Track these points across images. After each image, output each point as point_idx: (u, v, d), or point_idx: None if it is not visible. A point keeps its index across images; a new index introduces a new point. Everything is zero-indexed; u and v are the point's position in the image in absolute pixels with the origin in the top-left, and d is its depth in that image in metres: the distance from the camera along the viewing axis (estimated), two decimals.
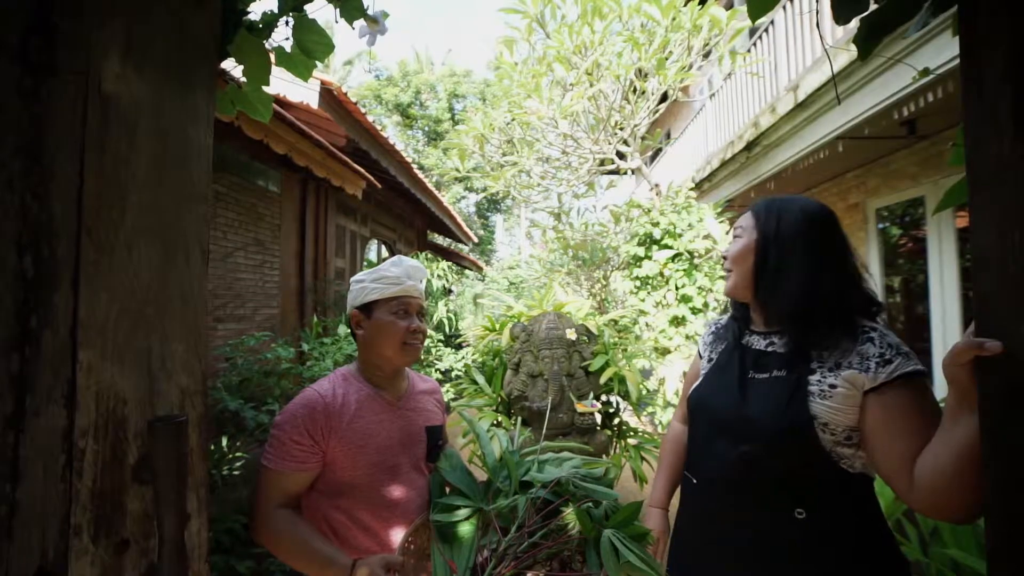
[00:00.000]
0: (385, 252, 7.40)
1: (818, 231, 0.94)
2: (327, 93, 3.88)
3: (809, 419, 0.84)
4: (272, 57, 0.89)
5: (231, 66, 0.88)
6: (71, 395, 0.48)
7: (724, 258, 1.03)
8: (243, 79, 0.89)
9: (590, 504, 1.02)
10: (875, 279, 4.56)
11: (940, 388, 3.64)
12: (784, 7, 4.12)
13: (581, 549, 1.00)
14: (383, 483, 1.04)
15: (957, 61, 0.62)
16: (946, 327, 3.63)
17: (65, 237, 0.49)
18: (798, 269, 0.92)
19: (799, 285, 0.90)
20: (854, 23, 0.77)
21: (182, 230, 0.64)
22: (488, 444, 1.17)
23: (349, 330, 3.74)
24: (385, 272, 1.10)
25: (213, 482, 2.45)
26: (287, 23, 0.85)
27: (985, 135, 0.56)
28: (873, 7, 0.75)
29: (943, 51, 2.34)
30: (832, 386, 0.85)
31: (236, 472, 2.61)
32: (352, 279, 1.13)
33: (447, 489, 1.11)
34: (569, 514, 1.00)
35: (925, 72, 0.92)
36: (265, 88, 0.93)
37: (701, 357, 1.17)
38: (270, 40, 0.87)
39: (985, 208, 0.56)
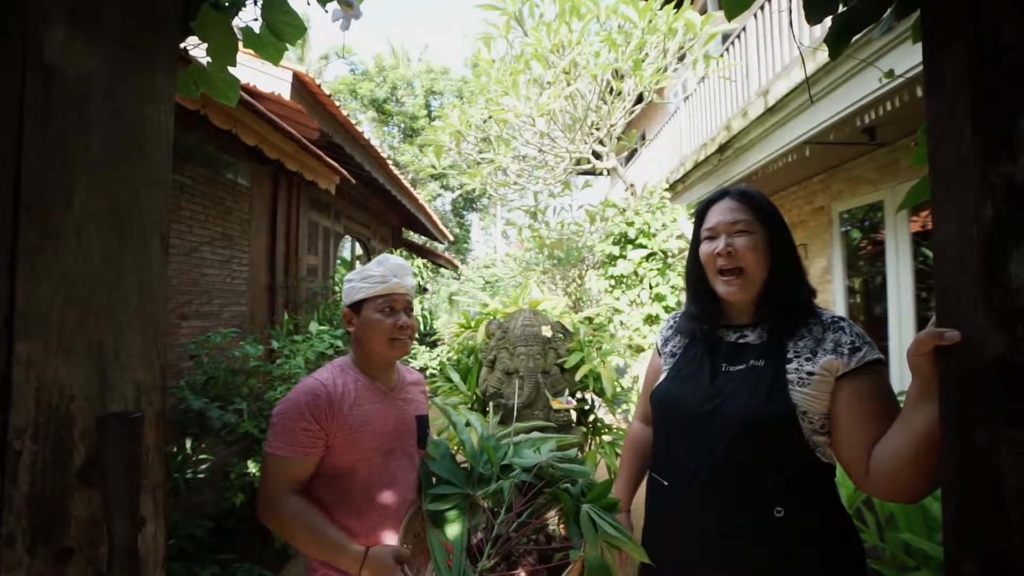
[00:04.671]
0: (359, 249, 7.26)
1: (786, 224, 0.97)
2: (300, 84, 3.77)
3: (791, 407, 0.84)
4: (240, 39, 0.85)
5: (194, 45, 0.84)
6: (5, 391, 0.44)
7: (729, 255, 0.93)
8: (208, 59, 0.84)
9: (568, 485, 1.10)
10: (838, 280, 4.74)
11: (899, 381, 3.82)
12: (755, 15, 4.23)
13: (563, 522, 1.10)
14: (379, 467, 1.10)
15: (918, 68, 0.64)
16: (901, 325, 3.81)
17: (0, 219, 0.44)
18: (797, 265, 0.94)
19: (800, 280, 0.93)
20: (821, 30, 0.79)
21: (140, 215, 0.60)
22: (466, 433, 1.25)
23: (320, 328, 3.65)
24: (371, 271, 1.14)
25: (176, 486, 2.34)
26: (256, 2, 0.82)
27: (946, 132, 0.58)
28: (842, 9, 0.77)
29: (904, 59, 2.45)
30: (810, 373, 0.85)
31: (201, 475, 2.50)
32: (345, 277, 1.18)
33: (434, 479, 1.16)
34: (550, 493, 1.09)
35: (890, 74, 0.96)
36: (232, 70, 0.89)
37: (660, 354, 1.12)
38: (238, 19, 0.83)
39: (945, 203, 0.58)
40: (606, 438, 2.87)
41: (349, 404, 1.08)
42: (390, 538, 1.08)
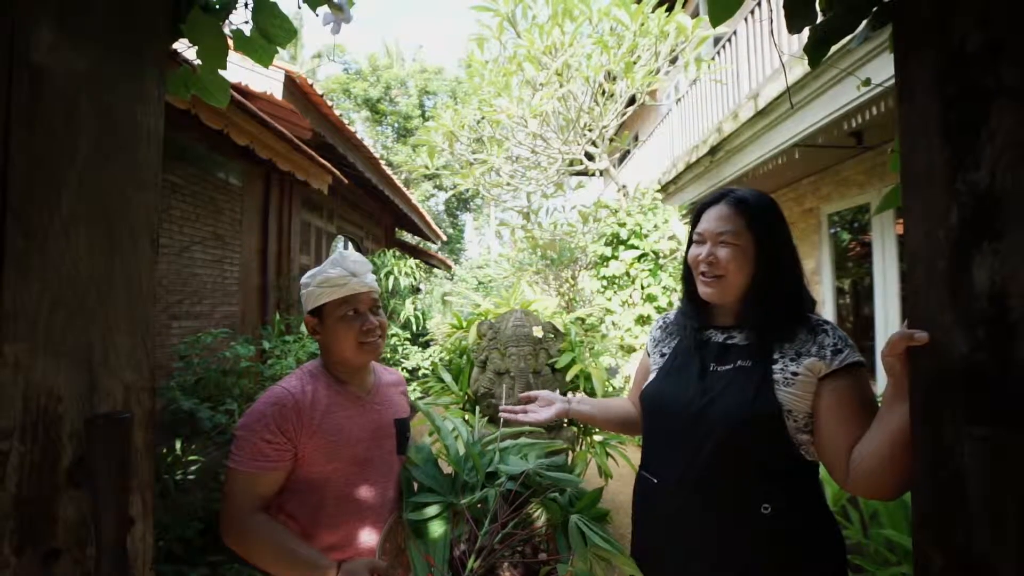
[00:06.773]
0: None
1: (788, 230, 0.97)
2: (292, 84, 3.75)
3: (778, 406, 0.87)
4: (231, 41, 0.85)
5: (186, 47, 0.84)
6: None
7: (710, 263, 0.95)
8: (198, 62, 0.85)
9: (556, 494, 1.07)
10: (827, 281, 4.79)
11: (882, 384, 3.87)
12: (745, 19, 4.28)
13: (550, 534, 1.06)
14: (355, 477, 1.04)
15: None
16: (888, 326, 3.87)
17: None
18: (788, 273, 0.95)
19: (789, 287, 0.94)
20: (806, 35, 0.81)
21: (129, 216, 0.60)
22: (451, 438, 1.19)
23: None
24: (327, 274, 1.06)
25: (166, 488, 2.33)
26: (246, 5, 0.82)
27: (917, 140, 0.60)
28: (821, 20, 0.79)
29: (887, 67, 2.49)
30: (794, 373, 0.88)
31: (191, 477, 2.48)
32: (301, 281, 1.10)
33: (415, 486, 1.10)
34: (537, 503, 1.06)
35: (867, 82, 0.98)
36: (222, 72, 0.89)
37: (650, 354, 1.13)
38: (228, 22, 0.83)
39: (916, 208, 0.60)
40: (597, 438, 2.88)
41: (320, 413, 1.02)
42: (368, 551, 1.03)
